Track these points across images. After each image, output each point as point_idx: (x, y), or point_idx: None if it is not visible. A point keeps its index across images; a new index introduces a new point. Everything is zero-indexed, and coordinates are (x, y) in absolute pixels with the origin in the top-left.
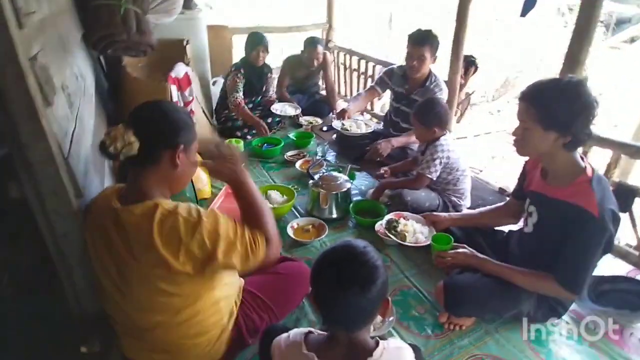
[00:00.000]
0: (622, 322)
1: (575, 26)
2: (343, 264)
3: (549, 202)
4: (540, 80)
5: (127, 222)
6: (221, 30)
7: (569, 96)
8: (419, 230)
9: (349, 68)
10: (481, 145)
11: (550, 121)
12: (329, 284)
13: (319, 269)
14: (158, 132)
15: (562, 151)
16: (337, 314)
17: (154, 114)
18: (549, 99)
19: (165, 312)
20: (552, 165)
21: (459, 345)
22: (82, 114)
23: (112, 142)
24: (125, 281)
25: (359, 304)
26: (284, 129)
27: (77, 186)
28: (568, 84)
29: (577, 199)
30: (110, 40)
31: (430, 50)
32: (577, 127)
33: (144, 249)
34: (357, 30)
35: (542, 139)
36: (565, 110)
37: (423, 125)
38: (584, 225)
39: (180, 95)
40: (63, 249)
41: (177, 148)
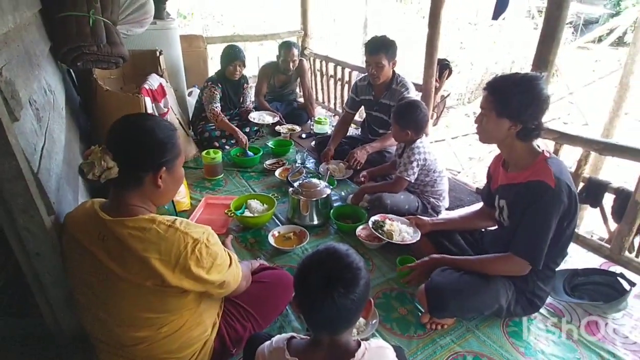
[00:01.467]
0: (597, 314)
1: (542, 28)
2: (327, 266)
3: (513, 189)
4: (503, 73)
5: (119, 234)
6: (195, 40)
7: (523, 88)
8: (405, 230)
9: (326, 75)
10: (459, 147)
11: (503, 109)
12: (314, 286)
13: (302, 273)
14: (137, 157)
15: (518, 141)
16: (321, 317)
17: (132, 137)
18: (505, 89)
19: (150, 327)
20: (510, 154)
21: (441, 344)
22: (52, 129)
23: (90, 169)
24: (110, 296)
25: (344, 306)
26: (263, 137)
27: (48, 203)
28: (524, 77)
29: (536, 175)
30: (80, 52)
31: (387, 56)
32: (526, 116)
33: (138, 262)
34: (332, 37)
35: (496, 126)
36: (517, 100)
37: (398, 126)
38: (541, 195)
39: (155, 107)
40: (37, 268)
41: (159, 170)
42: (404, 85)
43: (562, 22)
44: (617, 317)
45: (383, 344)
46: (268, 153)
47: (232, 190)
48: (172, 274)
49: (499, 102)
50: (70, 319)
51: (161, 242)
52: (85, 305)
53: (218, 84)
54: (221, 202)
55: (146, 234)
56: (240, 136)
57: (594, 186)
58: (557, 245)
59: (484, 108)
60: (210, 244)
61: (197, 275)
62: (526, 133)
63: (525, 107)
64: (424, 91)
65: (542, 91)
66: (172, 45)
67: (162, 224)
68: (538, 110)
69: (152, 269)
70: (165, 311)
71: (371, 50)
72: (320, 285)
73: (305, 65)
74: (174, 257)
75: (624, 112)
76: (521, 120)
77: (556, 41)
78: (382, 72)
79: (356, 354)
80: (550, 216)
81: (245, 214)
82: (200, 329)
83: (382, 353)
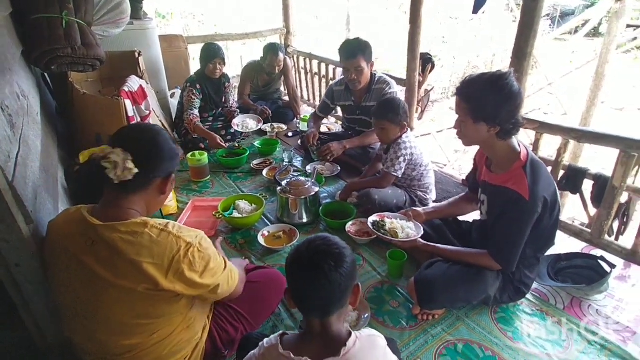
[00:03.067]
0: (580, 296)
1: (520, 20)
2: (315, 244)
3: (493, 188)
4: (470, 75)
5: (110, 239)
6: (175, 40)
7: (493, 90)
8: (407, 226)
9: (310, 72)
10: (444, 140)
11: (478, 114)
12: (305, 264)
13: (293, 257)
14: (158, 162)
15: (498, 140)
16: (314, 296)
17: (154, 142)
18: (475, 94)
19: (141, 334)
20: (492, 153)
21: (433, 334)
22: (27, 135)
23: (113, 168)
24: (99, 303)
25: (335, 280)
26: (249, 137)
27: (26, 212)
28: (491, 78)
29: (512, 184)
30: (54, 55)
31: (365, 58)
32: (502, 117)
33: (130, 266)
34: (315, 34)
35: (475, 131)
36: (489, 103)
37: (394, 124)
38: (514, 205)
39: (136, 110)
40: (17, 279)
41: (169, 177)
42: (384, 82)
43: (539, 14)
44: (600, 298)
45: (374, 333)
46: (255, 153)
47: (219, 192)
48: (164, 278)
49: (472, 108)
50: (55, 329)
51: (154, 246)
52: (71, 315)
53: (197, 84)
54: (209, 204)
55: (138, 238)
56: (216, 141)
57: (573, 173)
58: (542, 239)
59: (459, 115)
60: (203, 247)
61: (189, 279)
62: (505, 132)
63: (500, 108)
64: (407, 86)
65: (512, 88)
66: (151, 46)
67: (155, 228)
68: (513, 108)
69: (145, 273)
70: (156, 317)
71: (348, 54)
72: (312, 261)
73: (289, 63)
74: (167, 260)
75: (600, 100)
76: (498, 122)
77: (533, 33)
78: (363, 76)
79: (347, 343)
80: (524, 226)
81: (234, 215)
82: (190, 333)
83: (373, 341)
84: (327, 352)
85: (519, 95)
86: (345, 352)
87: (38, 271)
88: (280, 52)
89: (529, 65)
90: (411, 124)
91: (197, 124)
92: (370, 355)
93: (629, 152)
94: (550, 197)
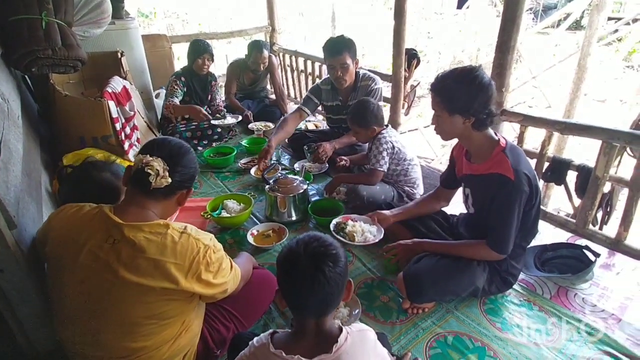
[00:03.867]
0: (566, 285)
1: (503, 14)
2: (313, 246)
3: (476, 179)
4: (443, 71)
5: (136, 238)
6: (159, 39)
7: (464, 82)
8: (367, 230)
9: (296, 69)
10: (431, 135)
11: (452, 106)
12: (305, 267)
13: (289, 259)
14: (186, 177)
15: (475, 132)
16: (312, 298)
17: (187, 159)
18: (448, 87)
19: (147, 336)
20: (470, 145)
21: (423, 327)
22: (8, 139)
23: (156, 177)
24: (112, 302)
25: (334, 280)
26: (236, 136)
27: (8, 217)
28: (462, 71)
29: (495, 168)
30: (34, 57)
31: (350, 55)
32: (475, 108)
33: (152, 265)
34: (301, 31)
35: (451, 124)
36: (462, 95)
37: (362, 127)
38: (502, 189)
39: (120, 111)
40: (2, 285)
41: (190, 191)
42: (369, 78)
43: (521, 8)
44: (585, 287)
45: (363, 327)
46: (242, 152)
47: (207, 192)
48: (184, 278)
49: (446, 101)
50: (45, 336)
51: (176, 247)
52: (71, 316)
53: (182, 77)
54: (197, 205)
55: (161, 238)
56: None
57: (558, 165)
58: (526, 226)
59: (435, 110)
60: (217, 249)
61: (205, 279)
62: (480, 123)
63: (472, 99)
64: (393, 81)
65: (482, 80)
66: (134, 46)
67: (176, 230)
68: (485, 99)
69: (167, 272)
70: (167, 317)
71: (333, 52)
72: (311, 264)
73: (275, 61)
74: (188, 261)
75: (583, 93)
76: (471, 112)
77: (516, 27)
78: (348, 74)
79: (339, 339)
80: (513, 207)
81: (223, 215)
82: (188, 337)
83: (363, 335)
84: (319, 349)
85: (490, 87)
86: (337, 348)
87: (24, 277)
88: (264, 49)
89: (513, 59)
90: (398, 120)
91: (175, 104)
92: (361, 350)
93: (611, 142)
94: (532, 178)
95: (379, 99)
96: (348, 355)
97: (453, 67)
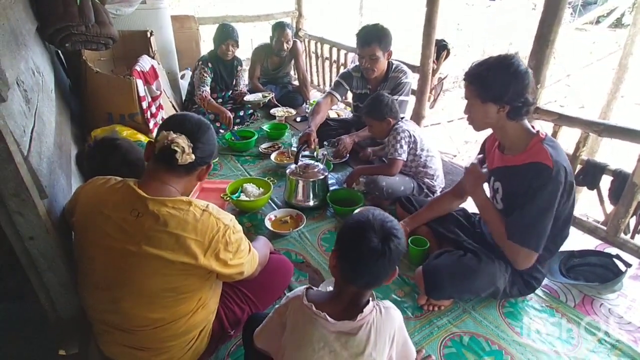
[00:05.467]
0: (592, 294)
1: (544, 6)
2: (380, 220)
3: (510, 170)
4: (477, 60)
5: (159, 212)
6: (187, 20)
7: (499, 69)
8: None
9: (321, 57)
10: (454, 130)
11: (485, 94)
12: (374, 240)
13: (357, 231)
14: (208, 154)
15: (509, 122)
16: (366, 268)
17: (209, 136)
18: (481, 74)
19: (165, 308)
20: (505, 136)
21: (438, 325)
22: (42, 111)
23: (182, 152)
24: (133, 273)
25: (397, 255)
26: (258, 120)
27: (40, 186)
28: (497, 58)
29: (534, 157)
30: (68, 33)
31: (381, 47)
32: (510, 96)
33: (174, 239)
34: (328, 18)
35: (484, 112)
36: (496, 82)
37: (376, 120)
38: (538, 177)
39: (147, 90)
40: (31, 252)
41: (210, 167)
42: (401, 70)
43: (564, 0)
44: (612, 297)
45: (391, 305)
46: (263, 137)
47: (227, 175)
48: (203, 255)
49: (480, 88)
50: (67, 303)
51: (197, 224)
52: (95, 283)
53: (209, 63)
54: (217, 187)
55: (184, 214)
56: (225, 114)
57: (592, 168)
58: (556, 226)
59: (468, 98)
60: (237, 230)
61: (223, 259)
62: (515, 112)
63: (506, 86)
64: (421, 73)
65: (518, 67)
66: (163, 26)
67: (198, 208)
68: (520, 86)
69: (187, 248)
70: (184, 292)
71: (363, 41)
72: (381, 237)
73: (300, 47)
74: (207, 239)
75: (620, 94)
76: (506, 100)
77: (557, 20)
78: (377, 65)
79: (364, 310)
80: (551, 198)
81: (242, 198)
82: (204, 313)
83: (389, 313)
84: (346, 315)
85: (526, 74)
86: (361, 318)
87: (52, 245)
88: (287, 28)
89: (551, 54)
90: (422, 113)
91: (210, 100)
92: (384, 326)
93: None
94: (569, 174)
95: (407, 93)
96: (370, 327)
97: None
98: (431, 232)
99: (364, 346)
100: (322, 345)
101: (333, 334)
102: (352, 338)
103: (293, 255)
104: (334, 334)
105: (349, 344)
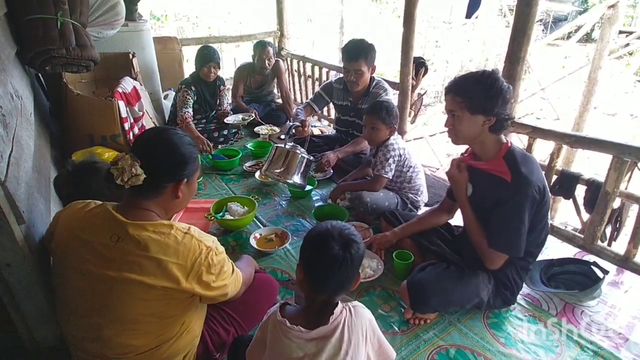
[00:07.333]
0: (573, 302)
1: (513, 25)
2: (338, 229)
3: (477, 171)
4: (459, 74)
5: (140, 237)
6: (169, 42)
7: (486, 83)
8: (367, 265)
9: (303, 75)
10: (436, 144)
11: (475, 106)
12: (335, 248)
13: (317, 241)
14: (165, 168)
15: (489, 135)
16: (338, 276)
17: (162, 149)
18: (470, 87)
19: (147, 334)
20: (482, 149)
21: (425, 339)
22: (20, 135)
23: (119, 175)
24: (114, 298)
25: (358, 260)
26: (242, 139)
27: (18, 212)
28: (484, 73)
29: (497, 170)
30: (48, 56)
31: (366, 62)
32: (498, 108)
33: (155, 264)
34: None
35: (471, 124)
36: (484, 95)
37: (385, 124)
38: (498, 189)
39: (129, 111)
40: (8, 280)
41: (180, 182)
42: (381, 87)
43: (532, 19)
44: (592, 304)
45: (359, 304)
46: (247, 155)
47: (211, 194)
48: (185, 279)
49: (469, 100)
50: (47, 331)
51: (179, 247)
52: (74, 310)
53: (192, 86)
54: (201, 206)
55: (166, 238)
56: (204, 145)
57: (567, 178)
58: (531, 234)
59: (453, 110)
60: (219, 251)
61: (206, 281)
62: (500, 125)
63: (495, 99)
64: (400, 89)
65: (503, 83)
66: (146, 48)
67: (179, 231)
68: (506, 101)
69: (169, 272)
70: (167, 316)
71: (349, 56)
72: (341, 245)
73: (282, 65)
74: (190, 262)
75: (592, 105)
76: (495, 113)
77: (527, 38)
78: (362, 79)
79: (335, 311)
80: (518, 208)
81: (226, 217)
82: (189, 337)
83: (357, 311)
84: (319, 322)
85: (508, 90)
86: (333, 319)
87: (30, 272)
88: (268, 46)
89: (522, 70)
90: (404, 128)
91: (189, 123)
92: (356, 324)
93: (621, 157)
94: (538, 185)
95: None
96: (343, 326)
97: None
98: (415, 244)
99: (339, 345)
100: (301, 355)
101: (310, 342)
102: (329, 341)
103: (279, 274)
104: (312, 342)
105: (326, 347)
